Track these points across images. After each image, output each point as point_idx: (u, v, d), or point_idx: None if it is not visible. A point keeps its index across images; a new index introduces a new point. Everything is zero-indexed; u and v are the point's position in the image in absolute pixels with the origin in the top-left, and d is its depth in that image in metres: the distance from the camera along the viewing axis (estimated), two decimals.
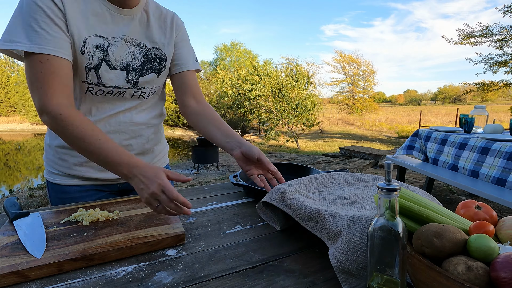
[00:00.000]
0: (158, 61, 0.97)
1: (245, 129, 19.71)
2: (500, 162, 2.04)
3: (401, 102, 69.35)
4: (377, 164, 5.88)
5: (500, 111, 25.33)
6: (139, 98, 0.97)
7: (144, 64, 0.94)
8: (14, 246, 0.61)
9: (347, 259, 0.53)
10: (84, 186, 0.98)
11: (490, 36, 10.66)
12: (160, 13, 0.98)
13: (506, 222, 0.49)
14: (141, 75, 0.94)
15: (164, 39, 0.97)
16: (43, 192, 4.74)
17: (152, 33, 0.95)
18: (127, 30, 0.89)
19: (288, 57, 27.05)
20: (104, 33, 0.85)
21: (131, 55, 0.91)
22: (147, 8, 0.94)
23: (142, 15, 0.93)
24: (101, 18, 0.84)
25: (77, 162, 0.95)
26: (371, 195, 0.75)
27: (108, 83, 0.88)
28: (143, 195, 0.69)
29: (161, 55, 0.97)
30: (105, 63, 0.86)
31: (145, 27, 0.93)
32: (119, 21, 0.88)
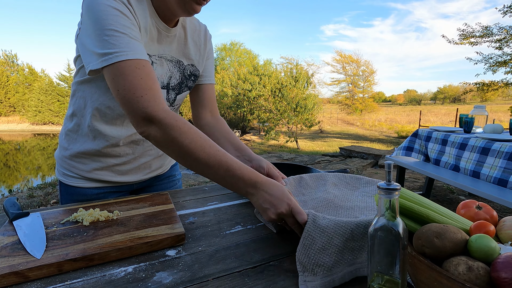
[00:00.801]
0: (193, 79, 0.97)
1: (245, 129, 19.71)
2: (501, 162, 2.04)
3: (400, 102, 69.39)
4: (377, 164, 5.89)
5: (499, 111, 25.35)
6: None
7: (181, 82, 0.93)
8: (14, 246, 0.61)
9: (300, 251, 0.55)
10: (102, 188, 0.98)
11: (490, 36, 10.67)
12: (194, 28, 0.96)
13: (507, 222, 0.49)
14: (179, 93, 0.93)
15: (199, 56, 0.97)
16: (42, 192, 4.74)
17: (189, 50, 0.93)
18: (168, 48, 0.88)
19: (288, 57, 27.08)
20: (150, 51, 0.82)
21: (170, 73, 0.89)
22: (184, 24, 0.92)
23: (181, 32, 0.91)
24: (149, 35, 0.81)
25: (98, 167, 0.94)
26: (353, 199, 0.76)
27: None
28: (268, 215, 0.63)
29: (196, 72, 0.97)
30: None
31: (183, 44, 0.92)
32: (163, 39, 0.86)
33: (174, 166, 1.19)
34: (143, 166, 1.01)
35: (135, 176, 1.01)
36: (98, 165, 0.94)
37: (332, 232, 0.55)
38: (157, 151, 1.03)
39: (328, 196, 0.76)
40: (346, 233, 0.55)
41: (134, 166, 0.99)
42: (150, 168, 1.04)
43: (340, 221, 0.57)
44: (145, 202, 0.87)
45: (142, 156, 0.99)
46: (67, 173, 0.96)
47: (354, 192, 0.80)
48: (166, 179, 1.14)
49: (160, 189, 1.12)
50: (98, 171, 0.95)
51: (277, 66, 19.03)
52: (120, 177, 0.98)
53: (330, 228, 0.55)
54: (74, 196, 0.97)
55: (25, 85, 29.56)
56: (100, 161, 0.93)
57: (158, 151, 1.03)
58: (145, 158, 1.00)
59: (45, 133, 23.08)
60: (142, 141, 0.96)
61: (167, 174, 1.15)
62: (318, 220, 0.57)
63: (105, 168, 0.95)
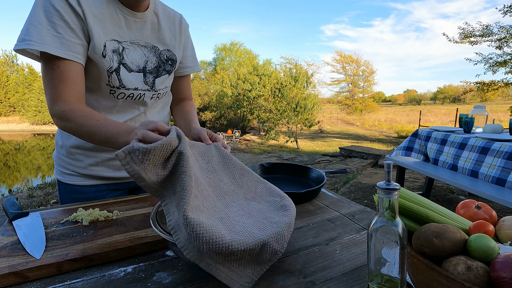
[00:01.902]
0: (171, 63, 1.00)
1: (245, 129, 19.72)
2: (500, 161, 2.05)
3: (400, 102, 69.39)
4: (377, 164, 5.89)
5: (499, 111, 25.37)
6: (156, 99, 1.00)
7: (158, 66, 0.96)
8: (14, 247, 0.61)
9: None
10: (99, 186, 0.99)
11: (490, 35, 10.68)
12: (168, 15, 0.99)
13: (506, 222, 0.49)
14: (157, 76, 0.96)
15: (174, 41, 0.99)
16: (42, 192, 4.74)
17: (163, 36, 0.96)
18: (139, 34, 0.91)
19: (287, 57, 27.07)
20: (119, 37, 0.86)
21: (145, 58, 0.92)
22: (156, 11, 0.95)
23: (153, 18, 0.94)
24: (116, 22, 0.85)
25: (93, 162, 0.96)
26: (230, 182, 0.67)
27: (129, 85, 0.90)
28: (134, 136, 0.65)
29: (173, 57, 1.00)
30: (122, 66, 0.88)
31: (156, 30, 0.95)
32: (132, 25, 0.89)
33: None
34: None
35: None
36: (93, 160, 0.96)
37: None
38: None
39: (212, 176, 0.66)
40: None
41: None
42: None
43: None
44: (145, 202, 0.87)
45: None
46: (65, 171, 0.98)
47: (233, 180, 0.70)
48: None
49: None
50: (94, 166, 0.96)
51: (277, 66, 19.08)
52: (116, 172, 0.99)
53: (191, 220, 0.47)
54: (73, 194, 0.98)
55: (25, 85, 29.56)
56: (95, 156, 0.95)
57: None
58: None
59: (45, 133, 23.07)
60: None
61: None
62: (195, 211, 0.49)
63: (100, 163, 0.96)
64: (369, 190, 3.77)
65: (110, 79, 0.86)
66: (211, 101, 20.98)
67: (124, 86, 0.89)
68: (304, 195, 0.90)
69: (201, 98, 22.31)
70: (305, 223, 0.78)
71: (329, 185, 4.25)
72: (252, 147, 13.24)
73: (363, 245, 0.67)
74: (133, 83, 0.91)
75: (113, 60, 0.85)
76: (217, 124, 20.49)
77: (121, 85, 0.89)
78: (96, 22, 0.80)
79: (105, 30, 0.83)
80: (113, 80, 0.87)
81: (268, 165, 1.17)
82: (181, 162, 0.55)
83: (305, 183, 1.08)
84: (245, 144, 14.37)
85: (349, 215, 0.83)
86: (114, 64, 0.85)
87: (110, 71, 0.85)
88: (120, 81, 0.88)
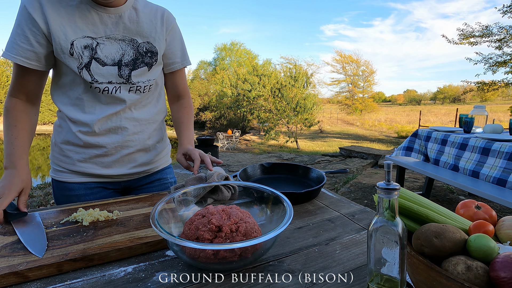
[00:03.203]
0: (150, 55, 0.99)
1: (245, 129, 19.72)
2: (501, 162, 2.05)
3: (400, 102, 69.37)
4: (377, 164, 5.89)
5: (499, 111, 25.37)
6: (136, 92, 0.99)
7: (136, 59, 0.96)
8: (14, 246, 0.61)
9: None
10: (89, 183, 1.01)
11: (490, 36, 10.67)
12: (150, 10, 1.00)
13: (506, 222, 0.49)
14: (133, 69, 0.96)
15: (155, 34, 0.99)
16: (42, 192, 4.74)
17: (142, 28, 0.97)
18: (115, 28, 0.92)
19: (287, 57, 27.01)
20: (93, 34, 0.90)
21: (122, 51, 0.94)
22: (136, 6, 0.96)
23: (131, 12, 0.95)
24: (89, 20, 0.89)
25: (81, 159, 0.98)
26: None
27: (101, 79, 0.91)
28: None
29: (153, 49, 0.99)
30: (95, 61, 0.90)
31: (135, 24, 0.96)
32: (107, 20, 0.91)
33: (166, 170, 1.18)
34: (127, 159, 1.03)
35: (120, 169, 1.02)
36: (81, 156, 0.98)
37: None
38: (140, 143, 1.03)
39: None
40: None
41: (116, 157, 1.00)
42: (136, 162, 1.04)
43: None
44: (145, 202, 0.87)
45: (123, 147, 1.00)
46: (57, 168, 1.01)
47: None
48: (156, 181, 1.14)
49: (150, 191, 1.12)
50: (82, 163, 0.98)
51: (277, 66, 19.06)
52: (104, 169, 1.00)
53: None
54: (65, 192, 1.00)
55: None
56: (83, 152, 0.97)
57: (141, 143, 1.04)
58: (127, 149, 1.01)
59: (45, 133, 23.06)
60: (120, 130, 0.98)
61: (158, 176, 1.14)
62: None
63: (87, 159, 0.98)
64: (369, 190, 3.77)
65: (81, 75, 0.89)
66: (211, 101, 20.98)
67: (96, 80, 0.91)
68: (304, 195, 0.90)
69: (201, 98, 22.30)
70: (305, 223, 0.78)
71: (329, 185, 4.25)
72: (252, 147, 13.24)
73: (363, 245, 0.67)
74: (106, 77, 0.92)
75: (83, 56, 0.88)
76: (217, 124, 20.49)
77: (93, 79, 0.91)
78: (63, 24, 0.86)
79: (75, 29, 0.87)
80: (85, 76, 0.90)
81: (268, 165, 1.17)
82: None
83: (305, 183, 1.08)
84: (245, 144, 14.37)
85: (349, 215, 0.83)
86: (85, 60, 0.89)
87: (80, 68, 0.89)
88: (92, 76, 0.90)
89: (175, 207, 0.70)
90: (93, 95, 0.93)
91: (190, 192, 0.78)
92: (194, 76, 29.88)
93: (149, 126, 1.05)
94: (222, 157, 7.65)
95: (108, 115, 0.95)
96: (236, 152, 10.13)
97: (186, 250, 0.54)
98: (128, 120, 0.99)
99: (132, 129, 1.00)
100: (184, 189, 0.75)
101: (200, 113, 21.59)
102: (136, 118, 1.01)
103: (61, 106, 0.96)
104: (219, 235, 0.57)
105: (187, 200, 0.76)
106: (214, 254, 0.53)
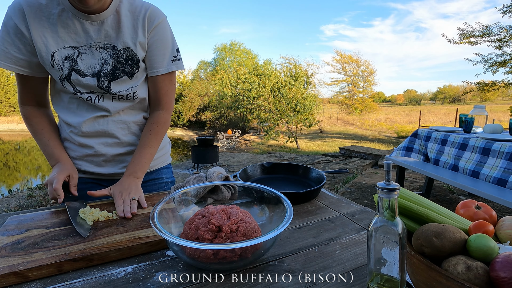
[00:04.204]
0: (131, 63, 0.94)
1: (245, 129, 19.71)
2: (502, 163, 2.05)
3: (400, 102, 69.34)
4: (377, 164, 5.89)
5: (499, 111, 25.37)
6: (120, 100, 0.97)
7: (115, 68, 0.92)
8: (14, 246, 0.61)
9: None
10: (84, 178, 1.02)
11: (490, 35, 10.67)
12: (134, 11, 0.92)
13: (506, 222, 0.49)
14: (113, 79, 0.93)
15: (136, 39, 0.92)
16: (42, 192, 4.74)
17: (123, 34, 0.90)
18: (97, 36, 0.89)
19: (287, 57, 27.00)
20: (75, 43, 0.88)
21: (102, 60, 0.91)
22: (119, 8, 0.90)
23: (114, 17, 0.89)
24: (71, 29, 0.87)
25: (75, 156, 1.00)
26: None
27: (83, 89, 0.92)
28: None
29: (133, 56, 0.93)
30: (75, 72, 0.89)
31: (116, 30, 0.90)
32: (89, 28, 0.88)
33: (163, 169, 1.17)
34: (118, 159, 1.03)
35: (112, 168, 1.03)
36: (76, 154, 1.00)
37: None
38: (129, 144, 1.02)
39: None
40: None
41: (107, 158, 1.01)
42: (127, 162, 1.04)
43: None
44: (145, 202, 0.87)
45: (112, 148, 1.00)
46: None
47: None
48: (151, 181, 1.12)
49: (145, 191, 1.09)
50: (76, 160, 1.00)
51: (277, 66, 19.03)
52: (97, 168, 1.02)
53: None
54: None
55: None
56: (77, 151, 1.00)
57: (130, 144, 1.03)
58: (116, 150, 1.01)
59: None
60: (107, 132, 0.98)
61: (153, 176, 1.13)
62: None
63: (81, 157, 1.00)
64: (369, 190, 3.77)
65: (64, 86, 0.90)
66: (211, 101, 20.96)
67: (78, 91, 0.91)
68: (304, 195, 0.90)
69: (201, 98, 22.28)
70: (305, 223, 0.78)
71: (329, 185, 4.25)
72: (252, 147, 13.23)
73: (363, 245, 0.67)
74: (87, 87, 0.92)
75: (63, 67, 0.88)
76: (217, 124, 20.48)
77: (76, 90, 0.91)
78: (45, 35, 0.85)
79: (56, 40, 0.86)
80: (67, 86, 0.90)
81: (268, 165, 1.17)
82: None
83: (305, 183, 1.08)
84: (245, 144, 14.37)
85: (349, 215, 0.83)
86: (65, 71, 0.88)
87: (61, 79, 0.89)
88: (74, 87, 0.91)
89: (175, 207, 0.70)
90: (80, 101, 0.95)
91: (190, 192, 0.78)
92: (194, 76, 29.87)
93: (138, 128, 1.04)
94: (222, 157, 7.65)
95: (95, 117, 0.96)
96: (236, 152, 10.13)
97: (186, 250, 0.54)
98: (116, 122, 0.99)
99: (120, 131, 1.00)
100: (184, 189, 0.75)
101: (200, 113, 21.58)
102: (124, 120, 1.00)
103: (56, 108, 0.99)
104: (219, 235, 0.57)
105: (187, 200, 0.76)
106: (214, 254, 0.53)
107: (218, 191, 0.84)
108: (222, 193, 0.84)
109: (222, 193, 0.84)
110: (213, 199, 0.84)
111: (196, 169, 6.49)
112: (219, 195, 0.84)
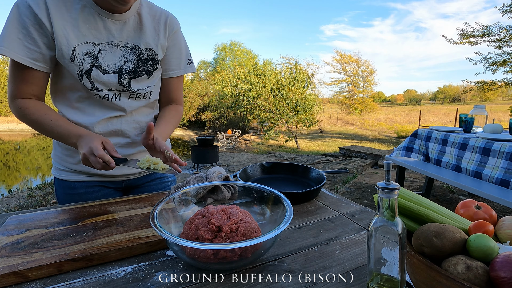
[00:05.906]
0: (151, 63, 0.98)
1: (245, 129, 19.71)
2: (502, 163, 2.05)
3: (400, 102, 69.36)
4: (377, 164, 5.89)
5: (499, 111, 25.37)
6: (136, 99, 0.98)
7: (137, 67, 0.95)
8: (14, 246, 0.61)
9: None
10: (90, 182, 1.02)
11: (490, 35, 10.67)
12: (154, 15, 0.97)
13: (506, 222, 0.49)
14: (134, 77, 0.95)
15: (158, 40, 0.97)
16: (42, 192, 4.74)
17: (145, 35, 0.94)
18: (119, 35, 0.91)
19: (287, 57, 26.97)
20: (96, 40, 0.88)
21: (124, 58, 0.92)
22: (140, 11, 0.94)
23: (135, 18, 0.93)
24: (93, 25, 0.87)
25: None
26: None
27: (101, 87, 0.90)
28: (80, 156, 0.79)
29: (154, 56, 0.98)
30: (96, 68, 0.88)
31: (138, 30, 0.94)
32: (111, 26, 0.89)
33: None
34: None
35: (121, 169, 1.03)
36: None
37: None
38: (141, 144, 1.02)
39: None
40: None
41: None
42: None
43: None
44: (145, 202, 0.87)
45: (123, 148, 1.00)
46: (60, 167, 1.02)
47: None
48: (157, 180, 1.14)
49: (151, 190, 1.12)
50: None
51: (277, 66, 19.01)
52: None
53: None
54: (66, 190, 1.01)
55: None
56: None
57: (141, 145, 1.02)
58: (128, 150, 1.01)
59: None
60: (120, 132, 0.98)
61: (159, 175, 1.15)
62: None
63: None
64: (369, 190, 3.77)
65: (82, 82, 0.88)
66: (211, 101, 20.96)
67: (96, 88, 0.90)
68: (304, 195, 0.90)
69: (201, 98, 22.27)
70: (305, 223, 0.78)
71: (329, 185, 4.25)
72: (252, 147, 13.23)
73: (363, 245, 0.67)
74: (107, 85, 0.91)
75: (84, 63, 0.87)
76: (217, 124, 20.48)
77: (94, 87, 0.90)
78: (66, 28, 0.83)
79: (77, 35, 0.85)
80: (85, 82, 0.88)
81: (268, 165, 1.17)
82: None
83: (305, 183, 1.08)
84: (245, 144, 14.37)
85: (349, 215, 0.83)
86: (85, 67, 0.87)
87: (80, 74, 0.87)
88: (92, 83, 0.89)
89: (175, 207, 0.70)
90: (93, 100, 0.93)
91: (190, 192, 0.78)
92: (194, 76, 29.85)
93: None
94: (222, 157, 7.65)
95: (109, 118, 0.95)
96: (236, 152, 10.13)
97: (186, 250, 0.54)
98: (129, 122, 0.99)
99: (133, 131, 1.00)
100: (184, 189, 0.75)
101: (200, 113, 21.57)
102: (137, 120, 1.01)
103: (61, 108, 0.95)
104: (219, 235, 0.57)
105: (187, 200, 0.76)
106: (214, 254, 0.53)
107: (218, 191, 0.84)
108: (222, 193, 0.84)
109: (222, 193, 0.84)
110: (213, 199, 0.84)
111: (196, 169, 6.49)
112: (219, 195, 0.84)
